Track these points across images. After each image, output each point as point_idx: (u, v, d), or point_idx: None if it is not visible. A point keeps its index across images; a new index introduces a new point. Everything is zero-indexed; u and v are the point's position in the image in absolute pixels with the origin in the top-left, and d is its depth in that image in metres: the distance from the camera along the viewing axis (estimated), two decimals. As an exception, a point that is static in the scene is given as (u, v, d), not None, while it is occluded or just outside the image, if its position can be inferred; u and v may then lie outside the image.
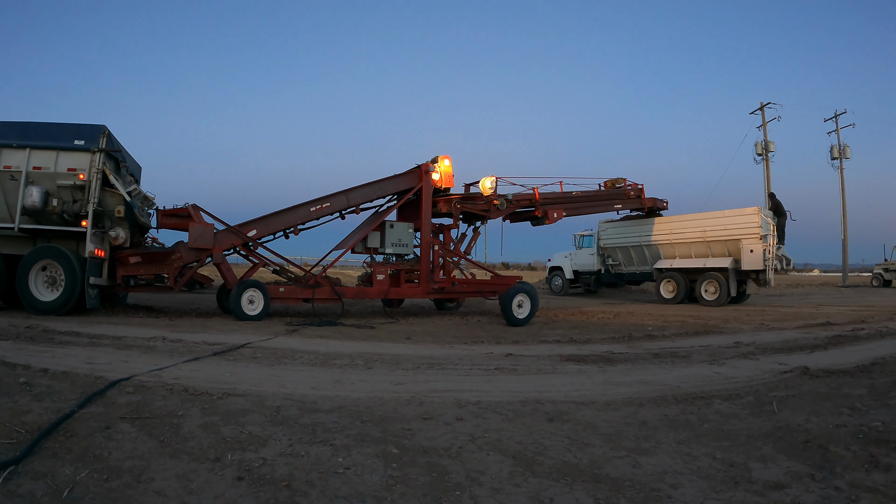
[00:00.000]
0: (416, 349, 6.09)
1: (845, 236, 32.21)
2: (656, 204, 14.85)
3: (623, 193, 13.75)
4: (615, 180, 13.76)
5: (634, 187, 14.01)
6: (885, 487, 2.26)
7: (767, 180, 29.42)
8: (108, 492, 2.09)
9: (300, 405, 3.36)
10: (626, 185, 13.83)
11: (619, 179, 13.78)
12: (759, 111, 30.43)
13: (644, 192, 14.17)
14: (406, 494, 2.18)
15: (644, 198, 14.17)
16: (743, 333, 7.95)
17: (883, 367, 4.83)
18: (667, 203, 15.16)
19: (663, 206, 15.10)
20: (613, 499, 2.19)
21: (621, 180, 13.78)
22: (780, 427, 3.10)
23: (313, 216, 9.18)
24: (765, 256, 13.46)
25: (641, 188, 14.12)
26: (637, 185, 14.07)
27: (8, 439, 2.51)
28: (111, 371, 4.10)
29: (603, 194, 13.46)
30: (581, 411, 3.44)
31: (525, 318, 9.07)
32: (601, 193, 13.42)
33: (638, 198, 14.05)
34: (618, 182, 13.73)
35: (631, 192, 13.90)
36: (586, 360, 5.46)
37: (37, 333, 5.88)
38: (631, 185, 13.94)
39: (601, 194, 13.42)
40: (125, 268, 8.23)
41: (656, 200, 14.79)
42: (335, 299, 8.98)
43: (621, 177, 13.80)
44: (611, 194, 13.59)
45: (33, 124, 7.95)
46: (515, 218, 12.13)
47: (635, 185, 14.04)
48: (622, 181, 13.79)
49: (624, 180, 13.82)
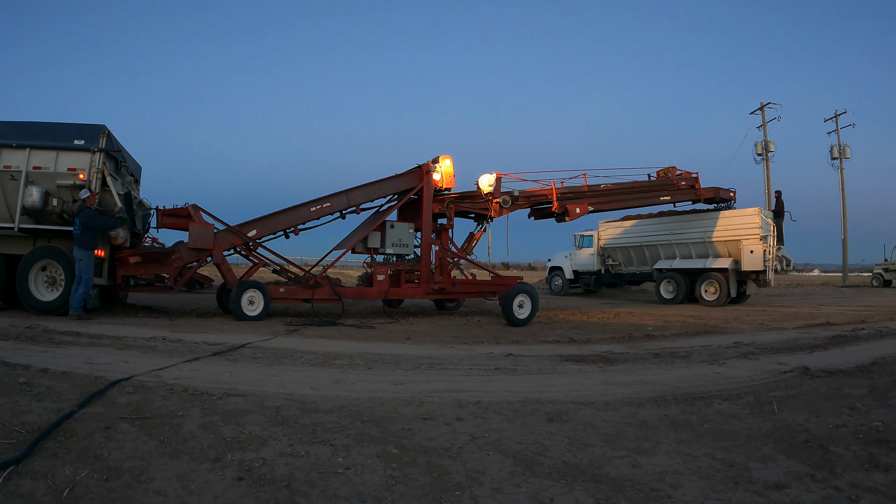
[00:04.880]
0: (417, 349, 6.08)
1: (845, 236, 32.22)
2: (718, 194, 13.02)
3: (670, 184, 12.28)
4: (667, 169, 12.38)
5: (687, 176, 12.47)
6: (885, 487, 2.26)
7: (767, 180, 29.42)
8: (108, 492, 2.09)
9: (300, 405, 3.36)
10: (674, 174, 12.36)
11: (670, 169, 12.38)
12: (759, 111, 30.44)
13: (699, 181, 12.54)
14: (406, 494, 2.18)
15: (700, 188, 12.52)
16: (743, 333, 7.95)
17: (883, 367, 4.83)
18: (734, 193, 13.27)
19: (729, 196, 13.22)
20: (613, 499, 2.19)
21: (672, 169, 12.38)
22: (780, 427, 3.10)
23: (313, 216, 9.18)
24: (765, 257, 13.46)
25: (696, 177, 12.57)
26: (690, 173, 12.55)
27: (8, 439, 2.51)
28: (111, 371, 4.10)
29: (643, 186, 12.05)
30: (581, 411, 3.44)
31: (525, 318, 9.06)
32: (642, 185, 12.06)
33: (692, 188, 12.45)
34: (669, 171, 12.37)
35: (682, 181, 12.38)
36: (586, 360, 5.46)
37: (37, 333, 5.88)
38: (682, 174, 12.42)
39: (642, 186, 12.03)
40: (125, 268, 8.23)
41: (719, 190, 12.99)
42: (335, 299, 8.98)
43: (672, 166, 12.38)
44: (653, 185, 12.17)
45: (33, 124, 7.95)
46: (539, 215, 11.46)
47: (688, 174, 12.50)
48: (672, 170, 12.37)
49: (674, 169, 12.39)
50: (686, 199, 12.79)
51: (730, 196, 13.34)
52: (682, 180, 12.49)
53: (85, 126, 7.95)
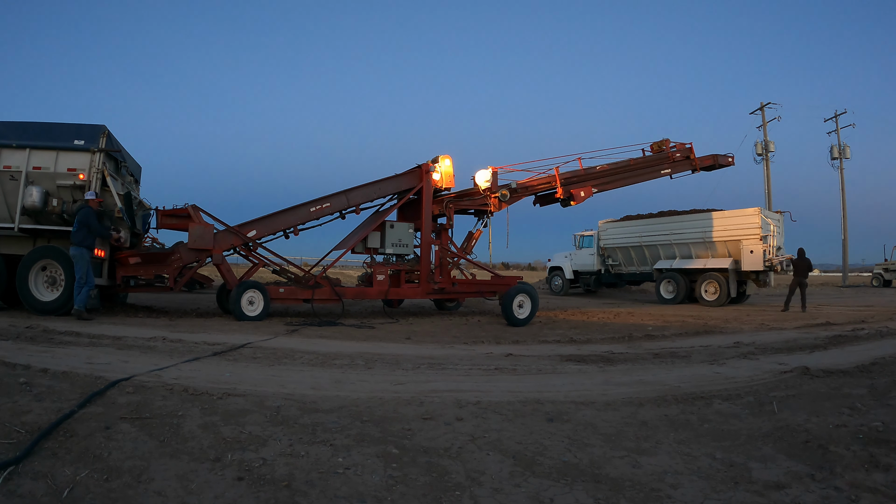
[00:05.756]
0: (416, 349, 6.08)
1: (845, 236, 32.25)
2: (717, 161, 12.64)
3: (667, 157, 12.02)
4: (661, 143, 12.09)
5: (681, 147, 12.24)
6: (885, 487, 2.26)
7: (767, 180, 29.45)
8: (108, 492, 2.09)
9: (300, 405, 3.36)
10: (668, 147, 12.10)
11: (664, 141, 12.10)
12: (759, 111, 30.48)
13: (693, 150, 12.28)
14: (406, 494, 2.18)
15: (695, 157, 12.26)
16: (743, 333, 7.95)
17: (883, 367, 4.83)
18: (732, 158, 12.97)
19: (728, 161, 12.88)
20: (613, 499, 2.19)
21: (666, 142, 12.11)
22: (780, 427, 3.10)
23: (313, 216, 9.18)
24: (765, 257, 13.46)
25: (690, 147, 12.32)
26: (684, 144, 12.31)
27: (8, 439, 2.51)
28: (111, 371, 4.10)
29: (640, 162, 11.82)
30: (581, 411, 3.44)
31: (525, 318, 9.06)
32: (638, 162, 11.81)
33: (687, 159, 12.22)
34: (663, 144, 12.09)
35: (677, 153, 12.13)
36: (586, 360, 5.46)
37: (37, 333, 5.88)
38: (676, 146, 12.18)
39: (638, 163, 11.79)
40: (125, 268, 8.23)
41: (717, 157, 12.63)
42: (335, 299, 8.98)
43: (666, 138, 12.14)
44: (651, 161, 11.95)
45: (33, 124, 7.95)
46: (544, 202, 11.40)
47: (682, 146, 12.27)
48: (666, 143, 12.10)
49: (668, 141, 12.13)
50: (684, 170, 12.41)
51: (728, 161, 12.84)
52: (677, 152, 12.24)
53: (85, 126, 7.96)
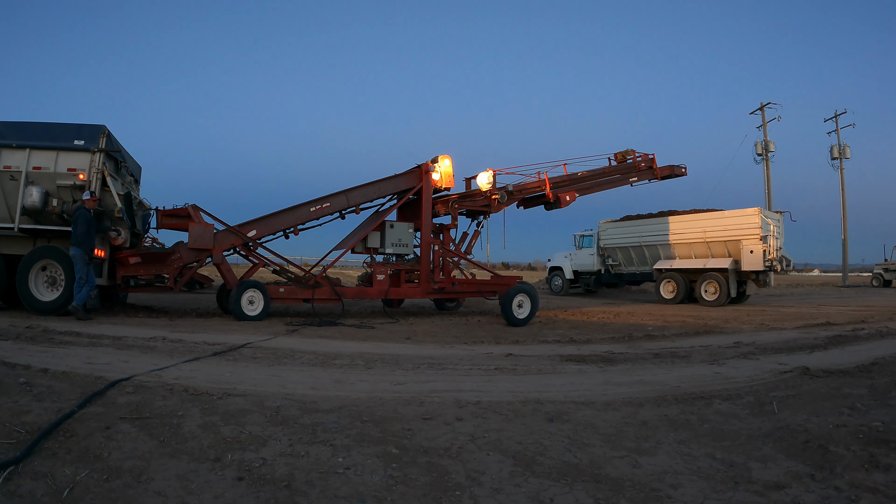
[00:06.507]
0: (416, 349, 6.08)
1: (845, 236, 32.26)
2: (673, 171, 13.80)
3: (633, 166, 13.04)
4: (625, 153, 13.06)
5: (645, 157, 13.25)
6: (885, 487, 2.26)
7: (767, 180, 29.44)
8: (108, 492, 2.09)
9: (300, 405, 3.36)
10: (635, 157, 13.13)
11: (628, 151, 13.08)
12: (759, 111, 30.47)
13: (655, 161, 13.36)
14: (406, 494, 2.18)
15: (657, 168, 13.35)
16: (743, 333, 7.95)
17: (883, 367, 4.83)
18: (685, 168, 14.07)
19: (682, 172, 14.00)
20: (613, 499, 2.19)
21: (630, 152, 13.10)
22: (780, 427, 3.09)
23: (313, 216, 9.18)
24: (765, 257, 13.46)
25: (652, 158, 13.34)
26: (647, 154, 13.31)
27: (8, 439, 2.51)
28: (111, 371, 4.10)
29: (614, 170, 12.88)
30: (581, 411, 3.44)
31: (525, 318, 9.07)
32: (612, 169, 12.86)
33: (650, 168, 13.29)
34: (627, 154, 13.07)
35: (641, 163, 13.15)
36: (586, 360, 5.46)
37: (37, 333, 5.88)
38: (641, 157, 13.20)
39: (612, 170, 12.85)
40: (125, 268, 8.23)
41: (673, 168, 13.77)
42: (335, 299, 8.98)
43: (630, 148, 13.11)
44: (622, 169, 12.99)
45: (33, 124, 7.95)
46: (529, 204, 11.90)
47: (645, 156, 13.27)
48: (631, 153, 13.10)
49: (633, 151, 13.13)
50: (646, 178, 13.44)
51: (682, 172, 13.96)
52: (642, 162, 13.19)
53: (85, 126, 7.96)
